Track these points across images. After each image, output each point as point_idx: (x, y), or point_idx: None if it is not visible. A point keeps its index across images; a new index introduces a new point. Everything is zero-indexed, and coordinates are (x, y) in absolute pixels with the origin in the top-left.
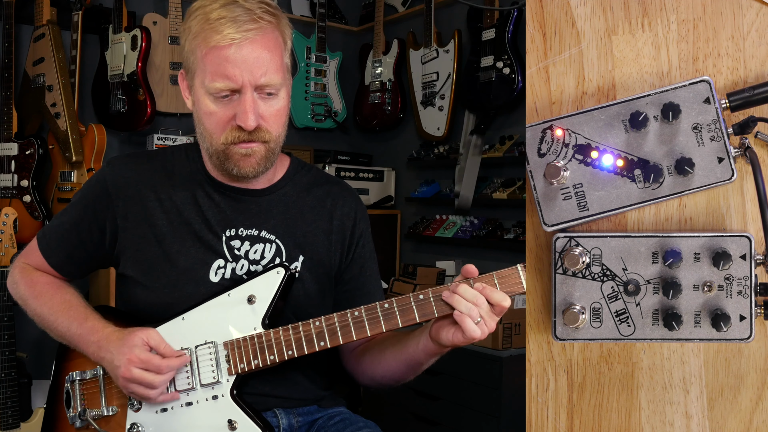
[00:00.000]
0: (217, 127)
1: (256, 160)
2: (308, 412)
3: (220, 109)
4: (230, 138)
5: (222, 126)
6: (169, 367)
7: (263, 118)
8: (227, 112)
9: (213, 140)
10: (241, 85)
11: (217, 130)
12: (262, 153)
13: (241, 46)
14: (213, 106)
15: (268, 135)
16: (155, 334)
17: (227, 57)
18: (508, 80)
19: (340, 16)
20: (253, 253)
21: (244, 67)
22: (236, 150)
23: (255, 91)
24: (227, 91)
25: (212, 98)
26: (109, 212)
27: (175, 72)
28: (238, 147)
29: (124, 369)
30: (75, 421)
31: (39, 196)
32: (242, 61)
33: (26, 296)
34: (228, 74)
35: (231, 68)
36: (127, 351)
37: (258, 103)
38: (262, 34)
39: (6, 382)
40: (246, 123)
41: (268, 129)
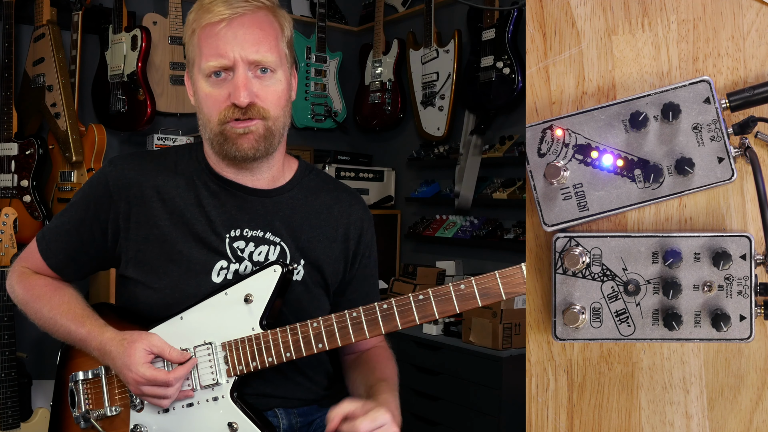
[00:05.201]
0: (213, 108)
1: (254, 137)
2: (308, 412)
3: (215, 89)
4: (226, 116)
5: (218, 107)
6: (177, 378)
7: (258, 96)
8: (222, 93)
9: (211, 123)
10: (234, 62)
11: (213, 112)
12: (260, 131)
13: (232, 21)
14: (209, 88)
15: (265, 113)
16: (156, 340)
17: (218, 33)
18: (508, 80)
19: (340, 16)
20: (257, 255)
21: (234, 43)
22: (233, 129)
23: (249, 68)
24: (220, 69)
25: (209, 81)
26: (111, 212)
27: (175, 72)
28: (234, 126)
29: (133, 387)
30: (80, 421)
31: (39, 196)
32: (233, 36)
33: (25, 300)
34: (219, 51)
35: (222, 44)
36: (132, 370)
37: (252, 81)
38: (253, 12)
39: (6, 382)
40: (239, 99)
41: (265, 108)
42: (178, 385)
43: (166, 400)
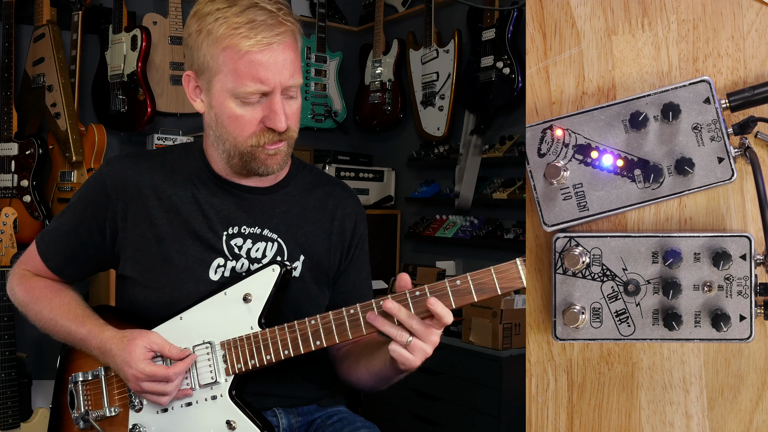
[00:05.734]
0: (244, 130)
1: (281, 157)
2: (307, 411)
3: (247, 112)
4: (262, 140)
5: (250, 129)
6: (177, 374)
7: (288, 117)
8: (255, 115)
9: (238, 142)
10: (273, 88)
11: (244, 134)
12: (285, 150)
13: (273, 50)
14: (239, 110)
15: (292, 133)
16: (156, 337)
17: (260, 61)
18: (508, 80)
19: (340, 16)
20: (255, 252)
21: (276, 70)
22: (264, 151)
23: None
24: (257, 95)
25: (239, 102)
26: (108, 212)
27: (175, 72)
28: (266, 149)
29: (133, 384)
30: (79, 422)
31: (39, 196)
32: (274, 64)
33: (25, 302)
34: (261, 78)
35: (263, 72)
36: (132, 366)
37: (284, 103)
38: (288, 36)
39: (6, 382)
40: (279, 125)
41: (292, 127)
42: (178, 381)
43: (165, 397)
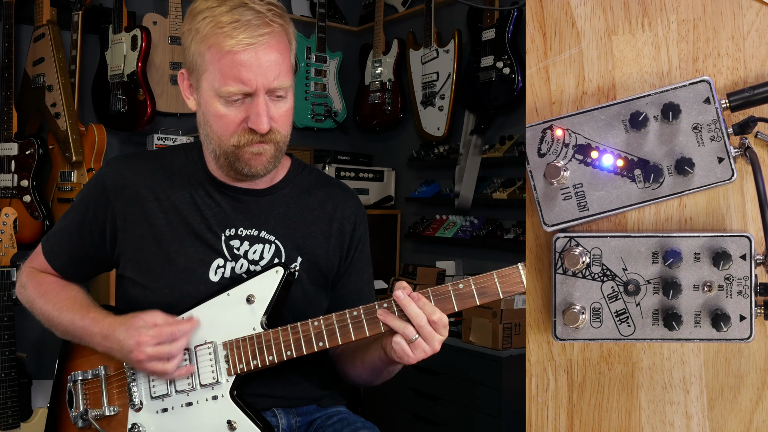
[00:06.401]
0: (227, 129)
1: (266, 158)
2: (307, 411)
3: (230, 111)
4: (242, 140)
5: (233, 128)
6: (181, 331)
7: (273, 119)
8: (238, 115)
9: (222, 142)
10: (255, 89)
11: (226, 133)
12: (271, 152)
13: (256, 51)
14: (223, 109)
15: (278, 136)
16: (159, 313)
17: (242, 61)
18: (508, 80)
19: (340, 16)
20: (252, 253)
21: (258, 71)
22: (247, 150)
23: (266, 94)
24: (240, 95)
25: (223, 101)
26: (108, 213)
27: (175, 72)
28: (249, 147)
29: (137, 352)
30: (77, 421)
31: (39, 196)
32: (257, 65)
33: (33, 297)
34: (242, 78)
35: (245, 72)
36: (135, 334)
37: (269, 105)
38: (274, 38)
39: (6, 382)
40: (260, 127)
41: (279, 130)
42: (183, 343)
43: (171, 363)
